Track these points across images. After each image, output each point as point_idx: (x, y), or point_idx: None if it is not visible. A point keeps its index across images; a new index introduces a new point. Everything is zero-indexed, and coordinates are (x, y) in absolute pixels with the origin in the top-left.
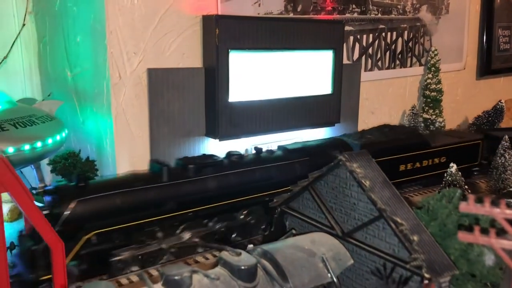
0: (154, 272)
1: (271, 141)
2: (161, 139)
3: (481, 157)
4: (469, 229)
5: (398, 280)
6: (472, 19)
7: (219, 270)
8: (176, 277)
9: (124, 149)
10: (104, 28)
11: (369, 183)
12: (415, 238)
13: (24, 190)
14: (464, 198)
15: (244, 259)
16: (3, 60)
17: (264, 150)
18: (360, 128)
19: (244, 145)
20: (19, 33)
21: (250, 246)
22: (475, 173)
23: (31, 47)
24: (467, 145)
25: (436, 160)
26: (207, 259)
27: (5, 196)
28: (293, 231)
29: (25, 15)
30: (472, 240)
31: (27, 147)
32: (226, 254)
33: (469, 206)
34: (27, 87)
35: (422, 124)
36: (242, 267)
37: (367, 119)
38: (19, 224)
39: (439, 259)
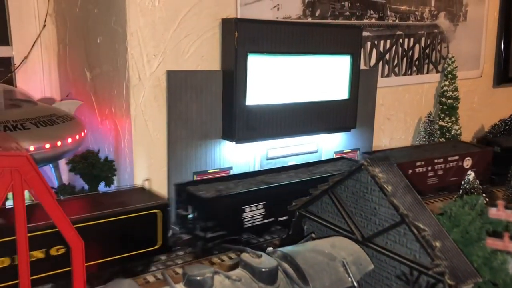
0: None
1: (287, 145)
2: (178, 141)
3: (164, 237)
4: (493, 236)
5: (425, 286)
6: (490, 26)
7: (239, 271)
8: (198, 278)
9: (142, 150)
10: (125, 29)
11: (391, 188)
12: (438, 244)
13: (47, 188)
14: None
15: (265, 261)
16: (23, 60)
17: None
18: (376, 133)
19: (259, 149)
20: (40, 34)
21: (270, 248)
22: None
23: (51, 48)
24: (128, 220)
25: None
26: (222, 260)
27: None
28: (313, 235)
29: (46, 16)
30: (501, 246)
31: (48, 146)
32: (246, 256)
33: (499, 212)
34: (46, 87)
35: (438, 132)
36: (263, 269)
37: (383, 125)
38: None
39: (462, 266)
